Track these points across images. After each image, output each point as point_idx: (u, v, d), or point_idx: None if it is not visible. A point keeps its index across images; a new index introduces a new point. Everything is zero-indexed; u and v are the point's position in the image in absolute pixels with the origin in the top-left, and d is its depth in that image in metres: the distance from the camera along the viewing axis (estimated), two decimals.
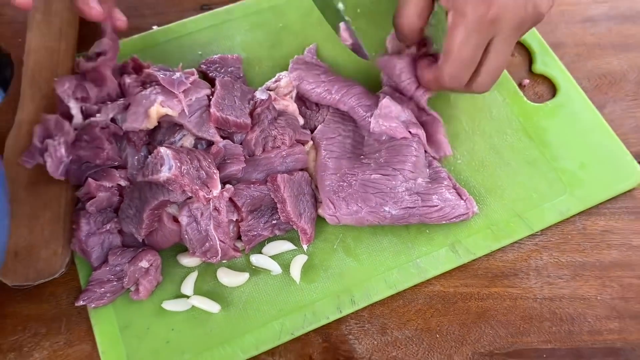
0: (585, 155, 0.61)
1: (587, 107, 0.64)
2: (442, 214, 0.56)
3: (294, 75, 0.62)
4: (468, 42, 0.51)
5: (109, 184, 0.54)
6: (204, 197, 0.51)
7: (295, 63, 0.63)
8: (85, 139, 0.55)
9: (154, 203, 0.52)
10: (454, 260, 0.56)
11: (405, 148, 0.58)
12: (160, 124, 0.56)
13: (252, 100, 0.58)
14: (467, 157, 0.61)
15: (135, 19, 0.70)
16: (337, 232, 0.58)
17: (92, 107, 0.56)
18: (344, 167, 0.58)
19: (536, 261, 0.57)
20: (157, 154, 0.52)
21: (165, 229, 0.54)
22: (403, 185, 0.56)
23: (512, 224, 0.58)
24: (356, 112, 0.60)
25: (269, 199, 0.56)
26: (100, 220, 0.55)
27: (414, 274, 0.55)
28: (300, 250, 0.56)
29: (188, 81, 0.56)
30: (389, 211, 0.55)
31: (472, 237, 0.57)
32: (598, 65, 0.68)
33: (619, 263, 0.57)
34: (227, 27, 0.68)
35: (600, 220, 0.59)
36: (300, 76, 0.62)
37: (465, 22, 0.50)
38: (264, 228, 0.55)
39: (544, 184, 0.60)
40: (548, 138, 0.62)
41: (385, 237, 0.57)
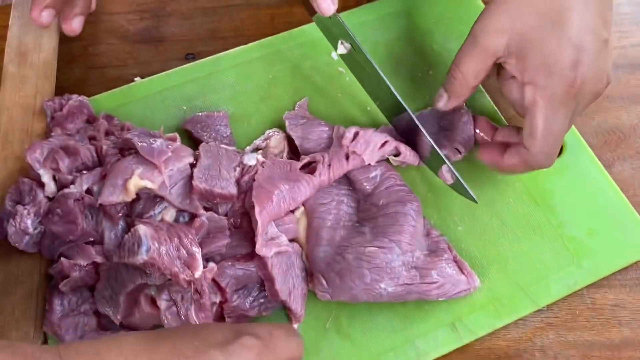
0: (594, 221, 0.58)
1: (595, 166, 0.60)
2: (443, 291, 0.52)
3: (296, 132, 0.58)
4: (556, 117, 0.50)
5: (84, 262, 0.51)
6: (185, 280, 0.48)
7: (292, 119, 0.60)
8: (57, 212, 0.51)
9: (130, 287, 0.48)
10: (455, 340, 0.52)
11: (402, 216, 0.54)
12: (139, 196, 0.52)
13: (239, 166, 0.55)
14: (468, 223, 0.57)
15: (116, 69, 0.67)
16: (330, 308, 0.54)
17: (66, 177, 0.53)
18: (338, 238, 0.54)
19: (542, 340, 0.53)
20: (134, 233, 0.48)
21: (143, 312, 0.50)
22: (400, 258, 0.52)
23: (515, 299, 0.54)
24: (354, 172, 0.57)
25: (256, 276, 0.52)
26: (75, 301, 0.51)
27: (411, 357, 0.52)
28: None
29: (169, 149, 0.52)
30: (385, 288, 0.52)
31: (474, 314, 0.53)
32: (606, 119, 0.64)
33: (631, 342, 0.53)
34: (214, 79, 0.64)
35: (610, 293, 0.55)
36: (304, 135, 0.58)
37: (552, 97, 0.49)
38: (250, 308, 0.52)
39: (550, 253, 0.56)
40: (554, 202, 0.58)
41: (381, 314, 0.54)
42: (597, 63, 0.49)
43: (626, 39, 0.68)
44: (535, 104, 0.50)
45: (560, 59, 0.48)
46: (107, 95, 0.63)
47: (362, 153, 0.56)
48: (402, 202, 0.55)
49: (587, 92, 0.50)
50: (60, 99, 0.59)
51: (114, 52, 0.68)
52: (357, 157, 0.56)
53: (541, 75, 0.49)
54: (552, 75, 0.49)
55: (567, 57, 0.48)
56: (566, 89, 0.48)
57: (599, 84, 0.50)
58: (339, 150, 0.56)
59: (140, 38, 0.69)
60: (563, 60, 0.48)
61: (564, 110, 0.50)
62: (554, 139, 0.51)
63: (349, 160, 0.56)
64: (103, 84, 0.65)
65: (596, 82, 0.50)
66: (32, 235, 0.52)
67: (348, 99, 0.64)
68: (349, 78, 0.64)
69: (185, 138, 0.60)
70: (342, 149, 0.56)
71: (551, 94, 0.49)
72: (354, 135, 0.57)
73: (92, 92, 0.62)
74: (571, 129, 0.61)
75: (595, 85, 0.50)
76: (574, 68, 0.48)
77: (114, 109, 0.62)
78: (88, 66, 0.67)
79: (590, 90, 0.50)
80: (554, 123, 0.50)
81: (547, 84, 0.49)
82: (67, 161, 0.53)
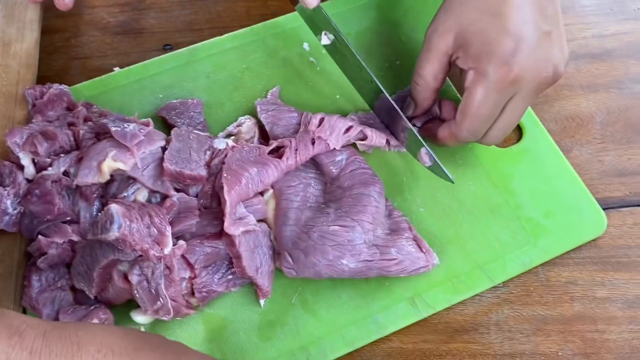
0: (551, 204, 0.60)
1: (553, 151, 0.63)
2: (401, 267, 0.55)
3: (266, 118, 0.61)
4: (487, 101, 0.53)
5: (61, 240, 0.53)
6: (155, 256, 0.50)
7: (263, 105, 0.62)
8: (36, 193, 0.54)
9: (104, 262, 0.51)
10: (414, 314, 0.55)
11: (365, 197, 0.57)
12: (113, 177, 0.55)
13: (209, 150, 0.57)
14: (430, 204, 0.60)
15: (97, 60, 0.69)
16: (296, 285, 0.56)
17: (44, 160, 0.55)
18: (304, 218, 0.57)
19: (497, 315, 0.56)
20: (106, 211, 0.50)
21: (116, 287, 0.53)
22: (361, 237, 0.55)
23: (473, 276, 0.57)
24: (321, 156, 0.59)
25: (224, 253, 0.55)
26: (52, 277, 0.54)
27: (372, 330, 0.54)
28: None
29: (142, 133, 0.55)
30: (347, 264, 0.54)
31: (432, 290, 0.56)
32: (565, 106, 0.67)
33: (582, 316, 0.56)
34: (190, 68, 0.67)
35: (564, 271, 0.58)
36: (273, 120, 0.61)
37: (487, 82, 0.52)
38: (219, 284, 0.54)
39: (507, 233, 0.59)
40: (512, 185, 0.61)
41: (344, 291, 0.56)
42: (537, 53, 0.52)
43: (587, 30, 0.71)
44: (472, 85, 0.53)
45: (498, 47, 0.51)
46: (87, 84, 0.65)
47: (327, 138, 0.58)
48: (366, 184, 0.58)
49: (528, 80, 0.52)
50: (42, 87, 0.61)
51: (95, 43, 0.70)
52: (322, 142, 0.59)
53: (481, 61, 0.52)
54: (490, 61, 0.52)
55: (505, 45, 0.51)
56: (502, 75, 0.51)
57: (541, 73, 0.52)
58: (305, 135, 0.59)
59: (120, 30, 0.71)
60: (501, 48, 0.51)
61: (497, 96, 0.53)
62: (481, 119, 0.54)
63: (315, 145, 0.59)
64: (84, 74, 0.68)
65: (537, 71, 0.52)
66: (11, 215, 0.54)
67: (318, 88, 0.66)
68: (319, 68, 0.67)
69: (161, 124, 0.62)
70: (308, 134, 0.59)
71: (488, 79, 0.52)
72: (319, 121, 0.59)
73: (73, 82, 0.65)
74: (531, 115, 0.64)
75: (537, 74, 0.52)
76: (511, 56, 0.51)
77: (94, 97, 0.64)
78: (70, 57, 0.70)
79: (531, 79, 0.52)
80: (485, 105, 0.53)
81: (485, 69, 0.52)
82: (45, 145, 0.55)
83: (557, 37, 0.53)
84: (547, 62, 0.52)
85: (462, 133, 0.56)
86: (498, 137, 0.57)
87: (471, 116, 0.54)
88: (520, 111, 0.55)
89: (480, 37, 0.52)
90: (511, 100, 0.54)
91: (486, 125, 0.55)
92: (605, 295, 0.57)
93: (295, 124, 0.62)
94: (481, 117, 0.54)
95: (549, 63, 0.52)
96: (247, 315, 0.55)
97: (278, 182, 0.59)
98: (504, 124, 0.55)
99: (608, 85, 0.68)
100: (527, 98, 0.53)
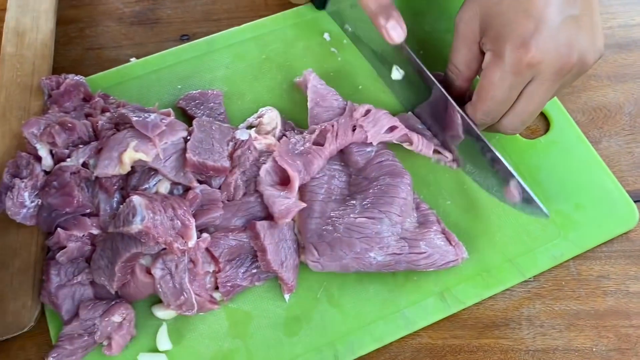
0: (580, 196, 0.59)
1: (581, 143, 0.61)
2: (431, 261, 0.53)
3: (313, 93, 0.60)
4: (502, 83, 0.51)
5: (80, 233, 0.52)
6: (179, 249, 0.49)
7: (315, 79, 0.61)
8: (54, 185, 0.52)
9: (125, 255, 0.49)
10: (443, 310, 0.54)
11: (392, 189, 0.55)
12: (134, 169, 0.53)
13: (231, 141, 0.56)
14: (457, 197, 0.59)
15: (112, 50, 0.68)
16: (321, 279, 0.55)
17: (62, 151, 0.54)
18: (329, 210, 0.55)
19: (528, 310, 0.54)
20: (129, 203, 0.49)
21: (138, 281, 0.51)
22: (389, 229, 0.54)
23: (503, 270, 0.55)
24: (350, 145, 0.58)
25: (248, 247, 0.53)
26: (71, 272, 0.52)
27: (400, 326, 0.53)
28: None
29: (163, 123, 0.53)
30: (375, 257, 0.53)
31: (462, 284, 0.54)
32: (593, 97, 0.65)
33: (615, 311, 0.54)
34: (208, 59, 0.65)
35: (596, 265, 0.56)
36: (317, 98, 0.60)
37: (502, 64, 0.50)
38: (243, 278, 0.53)
39: (537, 226, 0.57)
40: (541, 177, 0.59)
41: (371, 285, 0.55)
42: (559, 36, 0.49)
43: (613, 19, 0.69)
44: (488, 66, 0.52)
45: (516, 28, 0.49)
46: (103, 75, 0.64)
47: (368, 130, 0.57)
48: (393, 175, 0.56)
49: (547, 64, 0.49)
50: (58, 77, 0.60)
51: (110, 33, 0.69)
52: (362, 132, 0.57)
53: (499, 42, 0.50)
54: (508, 42, 0.50)
55: (524, 27, 0.49)
56: (519, 57, 0.49)
57: (562, 57, 0.49)
58: (347, 121, 0.58)
59: (135, 20, 0.70)
60: (519, 29, 0.49)
61: (513, 78, 0.50)
62: (496, 102, 0.52)
63: (354, 133, 0.57)
64: (99, 64, 0.67)
65: (558, 55, 0.49)
66: (29, 207, 0.53)
67: (340, 78, 0.65)
68: (340, 58, 0.66)
69: (180, 115, 0.61)
70: (351, 120, 0.58)
71: (504, 61, 0.50)
72: (366, 111, 0.58)
73: (88, 73, 0.64)
74: (558, 106, 0.63)
75: (558, 58, 0.49)
76: (530, 37, 0.49)
77: (110, 88, 0.63)
78: (85, 47, 0.68)
79: (550, 62, 0.49)
80: (500, 88, 0.51)
81: (502, 50, 0.50)
82: (63, 136, 0.53)
83: (587, 24, 0.50)
84: (570, 47, 0.49)
85: (477, 114, 0.54)
86: (517, 125, 0.54)
87: (486, 98, 0.52)
88: (541, 99, 0.52)
89: (500, 18, 0.50)
90: (529, 85, 0.51)
91: (502, 109, 0.53)
92: (639, 290, 0.55)
93: (336, 107, 0.60)
94: (496, 99, 0.52)
95: (573, 49, 0.49)
96: (271, 310, 0.53)
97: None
98: (523, 110, 0.53)
99: (636, 75, 0.66)
100: (546, 84, 0.50)
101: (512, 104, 0.53)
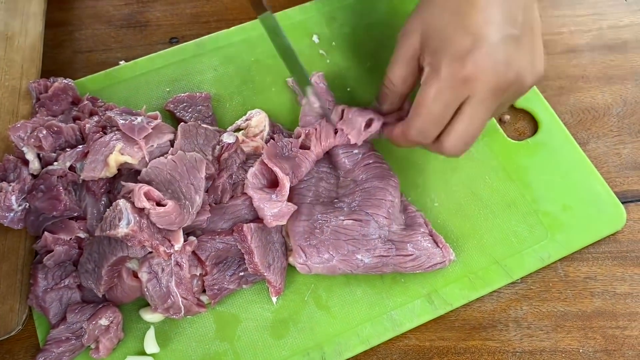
0: (568, 197, 0.59)
1: (569, 144, 0.61)
2: (418, 263, 0.54)
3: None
4: (438, 98, 0.49)
5: (67, 237, 0.52)
6: (165, 253, 0.49)
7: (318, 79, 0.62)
8: (41, 188, 0.52)
9: (112, 259, 0.50)
10: (430, 311, 0.54)
11: (380, 191, 0.55)
12: (120, 172, 0.53)
13: (218, 144, 0.56)
14: (445, 199, 0.59)
15: (101, 53, 0.68)
16: (309, 282, 0.55)
17: (50, 154, 0.54)
18: (317, 213, 0.55)
19: (516, 311, 0.54)
20: (115, 207, 0.49)
21: (125, 285, 0.51)
22: (376, 232, 0.54)
23: (490, 272, 0.55)
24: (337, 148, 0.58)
25: (235, 250, 0.53)
26: (59, 275, 0.52)
27: (388, 328, 0.53)
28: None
29: (150, 126, 0.53)
30: (362, 259, 0.53)
31: (449, 286, 0.55)
32: (581, 98, 0.65)
33: (602, 312, 0.54)
34: (197, 61, 0.65)
35: (583, 266, 0.57)
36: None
37: (438, 79, 0.49)
38: (230, 281, 0.53)
39: (524, 227, 0.57)
40: (529, 178, 0.60)
41: (359, 287, 0.55)
42: (497, 54, 0.47)
43: (602, 20, 0.69)
44: (425, 81, 0.50)
45: (454, 43, 0.48)
46: (92, 78, 0.64)
47: (348, 132, 0.57)
48: (381, 177, 0.56)
49: (483, 81, 0.48)
50: (46, 81, 0.60)
51: (99, 36, 0.69)
52: (343, 134, 0.57)
53: (436, 57, 0.49)
54: (444, 57, 0.49)
55: (462, 42, 0.48)
56: (455, 72, 0.48)
57: (499, 75, 0.48)
58: (328, 124, 0.58)
59: (125, 23, 0.70)
60: (456, 45, 0.48)
61: (449, 93, 0.49)
62: (431, 118, 0.50)
63: (337, 136, 0.57)
64: (89, 67, 0.67)
65: (495, 73, 0.48)
66: (16, 211, 0.53)
67: (329, 81, 0.64)
68: (329, 60, 0.66)
69: (168, 118, 0.61)
70: (330, 124, 0.58)
71: (440, 75, 0.49)
72: (341, 112, 0.58)
73: (78, 76, 0.64)
74: (546, 107, 0.63)
75: (495, 76, 0.48)
76: (466, 53, 0.48)
77: (99, 91, 0.63)
78: (74, 50, 0.68)
79: (487, 80, 0.48)
80: (435, 103, 0.49)
81: (439, 65, 0.49)
82: (50, 139, 0.54)
83: (527, 46, 0.49)
84: (507, 65, 0.48)
85: (411, 131, 0.52)
86: (456, 145, 0.51)
87: (421, 114, 0.50)
88: (479, 118, 0.50)
89: (440, 33, 0.50)
90: (466, 103, 0.49)
91: (437, 127, 0.51)
92: (626, 291, 0.55)
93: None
94: (431, 115, 0.50)
95: (510, 67, 0.48)
96: (259, 313, 0.53)
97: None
98: (461, 129, 0.50)
99: (624, 77, 0.66)
100: (484, 103, 0.49)
101: (448, 123, 0.51)
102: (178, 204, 0.49)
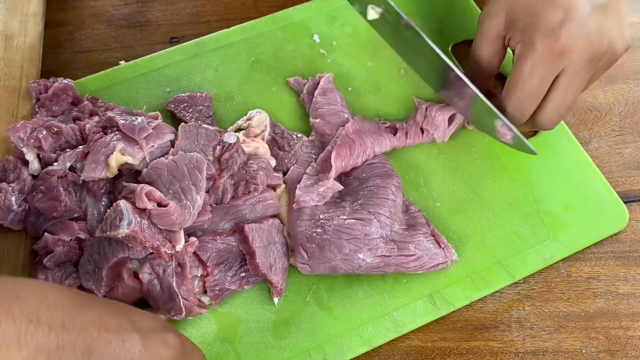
0: (570, 197, 0.58)
1: (571, 144, 0.61)
2: (420, 263, 0.53)
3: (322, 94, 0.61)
4: (534, 73, 0.50)
5: (68, 238, 0.52)
6: (166, 253, 0.49)
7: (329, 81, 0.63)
8: (41, 189, 0.52)
9: (113, 260, 0.49)
10: (432, 312, 0.53)
11: (382, 190, 0.55)
12: (121, 172, 0.53)
13: (219, 144, 0.55)
14: (447, 199, 0.58)
15: (101, 53, 0.68)
16: (310, 282, 0.55)
17: (50, 155, 0.53)
18: (319, 213, 0.55)
19: (518, 312, 0.54)
20: (115, 207, 0.49)
21: (126, 286, 0.51)
22: (378, 231, 0.53)
23: (493, 272, 0.55)
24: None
25: (236, 250, 0.53)
26: (59, 276, 0.52)
27: (390, 329, 0.53)
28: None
29: (150, 126, 0.53)
30: (364, 259, 0.53)
31: (451, 286, 0.54)
32: (583, 98, 0.65)
33: (605, 312, 0.54)
34: (198, 61, 0.65)
35: (586, 266, 0.56)
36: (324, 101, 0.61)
37: (533, 54, 0.50)
38: (232, 282, 0.53)
39: (527, 227, 0.57)
40: (531, 178, 0.59)
41: (360, 288, 0.54)
42: (589, 24, 0.49)
43: None
44: (519, 58, 0.51)
45: (545, 17, 0.50)
46: (92, 78, 0.64)
47: (433, 132, 0.60)
48: (383, 176, 0.56)
49: (578, 52, 0.49)
50: (46, 81, 0.60)
51: (99, 36, 0.69)
52: (429, 134, 0.60)
53: (528, 33, 0.51)
54: (537, 32, 0.50)
55: (553, 15, 0.49)
56: (549, 45, 0.49)
57: (593, 45, 0.50)
58: (415, 123, 0.60)
59: (125, 23, 0.69)
60: (548, 18, 0.49)
61: (544, 68, 0.50)
62: (527, 94, 0.52)
63: (424, 134, 0.60)
64: (89, 67, 0.66)
65: (589, 43, 0.49)
66: (16, 212, 0.53)
67: None
68: (330, 60, 0.66)
69: (169, 118, 0.61)
70: (417, 124, 0.60)
71: (534, 50, 0.50)
72: (425, 110, 0.60)
73: (78, 76, 0.63)
74: None
75: (589, 46, 0.49)
76: (559, 26, 0.49)
77: (99, 91, 0.62)
78: (74, 50, 0.68)
79: (581, 50, 0.49)
80: (531, 79, 0.51)
81: (532, 40, 0.50)
82: (50, 140, 0.53)
83: (615, 14, 0.51)
84: (600, 34, 0.49)
85: (507, 109, 0.53)
86: (552, 119, 0.53)
87: (517, 90, 0.52)
88: (574, 89, 0.51)
89: (528, 10, 0.51)
90: (562, 76, 0.51)
91: (533, 102, 0.52)
92: (629, 291, 0.55)
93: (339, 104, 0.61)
94: (527, 91, 0.51)
95: (603, 36, 0.50)
96: (261, 314, 0.53)
97: (291, 176, 0.57)
98: (557, 103, 0.52)
99: (626, 77, 0.66)
100: (579, 74, 0.50)
101: (544, 97, 0.52)
102: (179, 204, 0.49)
